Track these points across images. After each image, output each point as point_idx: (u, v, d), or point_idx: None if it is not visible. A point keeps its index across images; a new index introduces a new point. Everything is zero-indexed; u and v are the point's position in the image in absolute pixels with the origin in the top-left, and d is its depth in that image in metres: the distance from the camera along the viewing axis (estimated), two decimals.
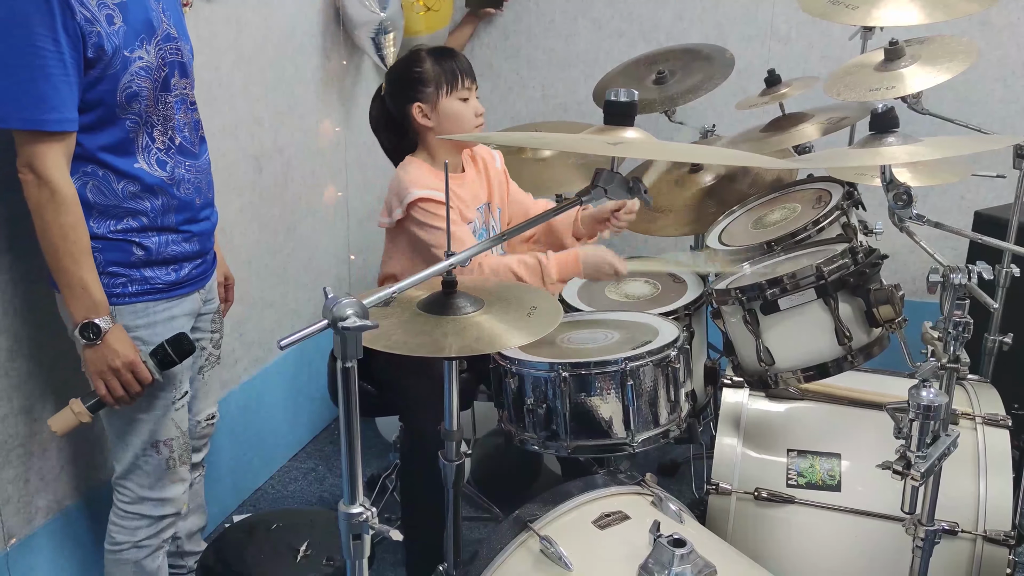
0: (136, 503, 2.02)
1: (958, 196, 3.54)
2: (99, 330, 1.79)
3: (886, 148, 1.75)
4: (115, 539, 2.04)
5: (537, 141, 2.44)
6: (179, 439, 2.03)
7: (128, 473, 2.01)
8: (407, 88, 2.38)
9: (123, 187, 1.83)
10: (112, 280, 1.85)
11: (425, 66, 2.36)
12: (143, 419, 1.96)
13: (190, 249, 1.98)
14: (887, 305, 1.91)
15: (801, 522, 2.05)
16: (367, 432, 3.09)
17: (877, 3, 2.39)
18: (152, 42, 1.81)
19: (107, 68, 1.73)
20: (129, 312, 1.88)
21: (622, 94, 1.55)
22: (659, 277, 2.62)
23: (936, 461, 1.57)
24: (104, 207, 1.82)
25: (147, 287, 1.90)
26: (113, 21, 1.73)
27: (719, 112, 3.40)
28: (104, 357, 1.81)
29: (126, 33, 1.75)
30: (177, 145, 1.91)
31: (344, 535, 1.32)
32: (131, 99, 1.78)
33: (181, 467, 2.05)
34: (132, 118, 1.80)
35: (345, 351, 1.21)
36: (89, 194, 1.80)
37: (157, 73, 1.83)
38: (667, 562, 1.58)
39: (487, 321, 1.53)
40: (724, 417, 2.19)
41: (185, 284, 1.98)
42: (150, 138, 1.85)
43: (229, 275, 2.32)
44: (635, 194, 1.53)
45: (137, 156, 1.84)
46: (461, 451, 1.74)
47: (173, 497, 2.05)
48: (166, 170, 1.88)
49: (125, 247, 1.86)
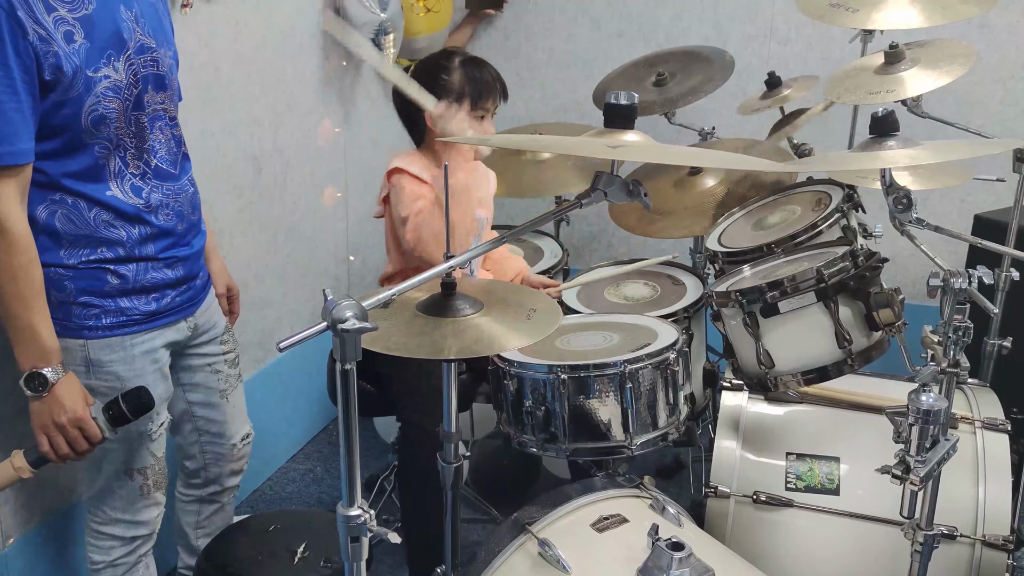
0: (109, 524, 1.93)
1: (958, 200, 3.54)
2: (46, 381, 1.63)
3: (886, 151, 1.75)
4: (92, 559, 1.96)
5: (537, 144, 2.44)
6: (154, 467, 1.92)
7: (100, 496, 1.91)
8: (427, 89, 2.30)
9: (95, 215, 1.69)
10: (84, 311, 1.71)
11: (453, 76, 2.31)
12: (116, 449, 1.84)
13: (173, 276, 1.83)
14: (887, 309, 1.91)
15: (800, 526, 2.05)
16: (365, 433, 3.09)
17: (877, 6, 2.39)
18: (121, 57, 1.65)
19: (68, 91, 1.57)
20: (103, 346, 1.74)
21: (622, 97, 1.54)
22: (658, 279, 2.62)
23: (935, 465, 1.57)
24: (75, 237, 1.68)
25: (123, 319, 1.76)
26: (73, 39, 1.56)
27: (719, 114, 3.40)
28: (50, 411, 1.65)
29: (88, 51, 1.58)
30: (153, 168, 1.76)
31: (342, 537, 1.31)
32: (98, 123, 1.63)
33: (156, 492, 1.95)
34: (101, 143, 1.65)
35: (344, 353, 1.21)
36: (58, 223, 1.66)
37: (128, 92, 1.67)
38: (665, 565, 1.58)
39: (486, 323, 1.53)
40: (723, 420, 2.19)
41: (167, 313, 1.84)
42: (123, 163, 1.70)
43: (232, 286, 2.20)
44: (635, 197, 1.52)
45: (109, 183, 1.69)
46: (459, 453, 1.74)
47: (147, 520, 1.96)
48: (141, 197, 1.74)
49: (99, 275, 1.72)
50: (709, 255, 2.44)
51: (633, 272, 2.65)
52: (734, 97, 3.20)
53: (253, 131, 2.83)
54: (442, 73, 2.31)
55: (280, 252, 3.06)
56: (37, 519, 2.15)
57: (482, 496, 2.82)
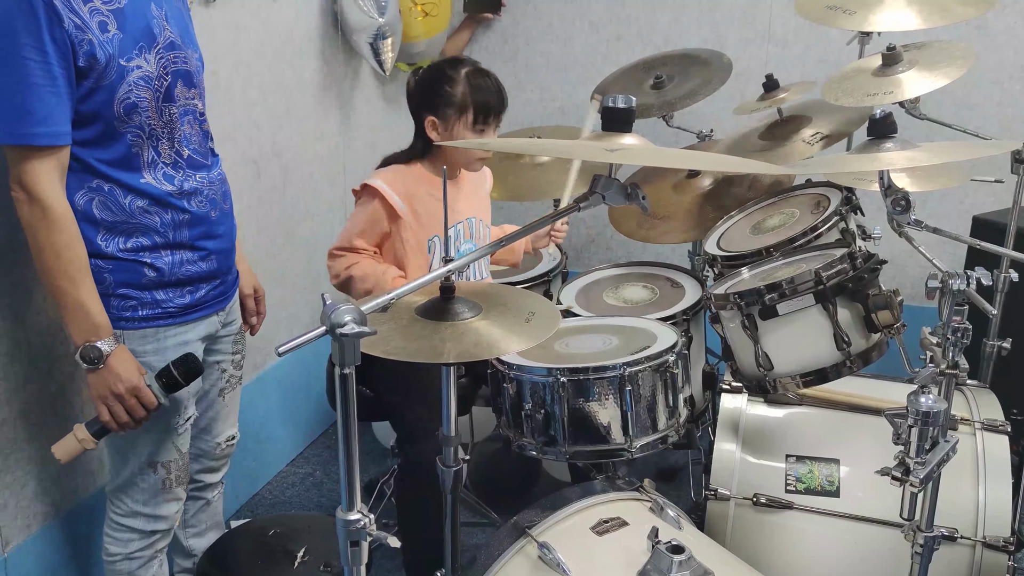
0: (129, 517, 1.98)
1: (956, 201, 3.54)
2: (100, 354, 1.71)
3: (884, 153, 1.75)
4: (108, 550, 2.01)
5: (535, 147, 2.44)
6: (178, 461, 1.98)
7: (123, 488, 1.96)
8: (430, 98, 2.29)
9: (130, 202, 1.75)
10: (122, 303, 1.78)
11: (456, 88, 2.26)
12: (144, 440, 1.91)
13: (206, 268, 1.90)
14: (886, 310, 1.91)
15: (800, 528, 2.05)
16: (364, 437, 3.08)
17: (874, 8, 2.39)
18: (152, 51, 1.72)
19: (101, 78, 1.65)
20: (138, 337, 1.81)
21: (620, 100, 1.54)
22: (657, 282, 2.62)
23: (935, 467, 1.57)
24: (112, 223, 1.75)
25: (158, 311, 1.83)
26: (107, 28, 1.64)
27: (717, 117, 3.40)
28: (107, 381, 1.73)
29: (122, 41, 1.66)
30: (186, 158, 1.83)
31: (342, 541, 1.31)
32: (130, 111, 1.70)
33: (177, 487, 2.00)
34: (134, 131, 1.72)
35: (343, 357, 1.21)
36: (96, 210, 1.73)
37: (159, 83, 1.74)
38: (665, 568, 1.58)
39: (485, 327, 1.53)
40: (723, 422, 2.19)
41: (201, 307, 1.90)
42: (155, 152, 1.77)
43: (259, 287, 2.22)
44: (633, 200, 1.52)
45: (143, 171, 1.76)
46: (459, 456, 1.74)
47: (166, 515, 2.01)
48: (174, 184, 1.81)
49: (136, 268, 1.78)
50: (708, 259, 2.44)
51: (632, 275, 2.65)
52: (732, 100, 3.21)
53: (252, 135, 2.83)
54: (445, 84, 2.27)
55: (279, 256, 3.06)
56: (36, 525, 2.15)
57: (482, 499, 2.82)
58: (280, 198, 3.02)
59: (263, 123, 2.88)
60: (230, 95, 2.69)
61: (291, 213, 3.10)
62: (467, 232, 2.44)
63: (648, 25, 3.78)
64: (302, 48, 3.08)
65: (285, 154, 3.02)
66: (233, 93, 2.71)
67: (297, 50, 3.04)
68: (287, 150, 3.03)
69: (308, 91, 3.14)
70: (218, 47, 2.61)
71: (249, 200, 2.84)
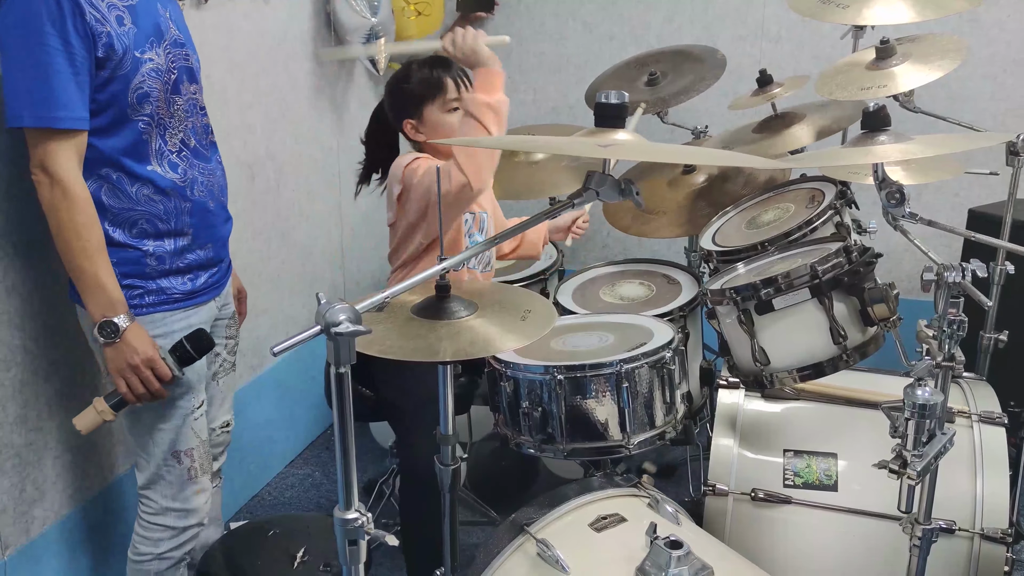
0: (160, 514, 2.02)
1: (952, 194, 3.54)
2: (116, 328, 1.79)
3: (878, 146, 1.75)
4: (138, 549, 2.05)
5: (528, 144, 2.44)
6: (199, 448, 2.04)
7: (151, 483, 2.01)
8: (398, 104, 2.32)
9: (137, 190, 1.84)
10: (128, 292, 1.86)
11: (412, 81, 2.30)
12: (163, 429, 1.97)
13: (205, 257, 1.99)
14: (882, 304, 1.91)
15: (798, 522, 2.05)
16: (363, 437, 3.08)
17: (867, 2, 2.40)
18: (161, 45, 1.83)
19: (118, 68, 1.75)
20: (147, 323, 1.88)
21: (612, 96, 1.54)
22: (653, 279, 2.62)
23: (932, 460, 1.57)
24: (118, 210, 1.83)
25: (163, 297, 1.92)
26: (123, 22, 1.76)
27: (711, 113, 3.40)
28: (123, 355, 1.81)
29: (136, 35, 1.77)
30: (191, 148, 1.94)
31: (340, 541, 1.31)
32: (142, 100, 1.80)
33: (203, 476, 2.06)
34: (144, 119, 1.82)
35: (338, 357, 1.20)
36: (104, 197, 1.81)
37: (167, 75, 1.85)
38: (664, 564, 1.57)
39: (481, 325, 1.53)
40: (720, 418, 2.19)
41: (201, 293, 2.00)
42: (163, 140, 1.87)
43: (242, 288, 2.32)
44: (627, 196, 1.52)
45: (151, 159, 1.85)
46: (457, 455, 1.74)
47: (196, 508, 2.05)
48: (178, 172, 1.90)
49: (140, 259, 1.87)
50: (704, 254, 2.44)
51: (628, 272, 2.65)
52: (726, 96, 3.20)
53: (246, 138, 2.83)
54: (403, 83, 2.31)
55: (274, 259, 3.06)
56: (35, 529, 2.15)
57: (480, 498, 2.82)
58: (275, 201, 3.02)
59: (257, 126, 2.88)
60: (224, 98, 2.69)
61: (286, 216, 3.09)
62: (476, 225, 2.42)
63: (641, 24, 3.78)
64: (295, 50, 3.07)
65: (279, 157, 3.02)
66: (227, 96, 2.70)
67: (290, 52, 3.04)
68: (281, 153, 3.03)
69: (302, 93, 3.14)
70: (211, 50, 2.60)
71: (243, 203, 2.83)
